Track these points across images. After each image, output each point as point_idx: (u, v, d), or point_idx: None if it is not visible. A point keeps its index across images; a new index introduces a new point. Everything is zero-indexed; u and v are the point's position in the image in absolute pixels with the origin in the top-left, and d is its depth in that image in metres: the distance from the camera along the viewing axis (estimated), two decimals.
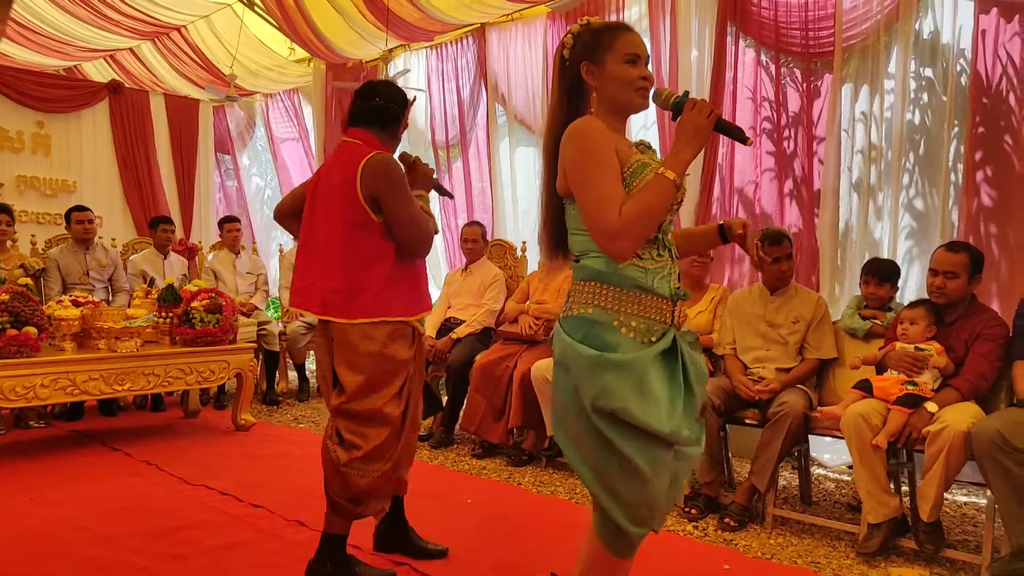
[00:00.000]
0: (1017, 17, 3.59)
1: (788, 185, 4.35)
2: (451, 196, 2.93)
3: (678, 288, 1.76)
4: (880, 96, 4.02)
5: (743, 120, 4.50)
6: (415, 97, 2.69)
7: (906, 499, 3.11)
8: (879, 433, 2.89)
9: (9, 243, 5.12)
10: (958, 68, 3.80)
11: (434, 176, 2.66)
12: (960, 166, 3.78)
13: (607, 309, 1.70)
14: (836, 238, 4.20)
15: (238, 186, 8.73)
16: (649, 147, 1.86)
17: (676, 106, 1.73)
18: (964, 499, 3.74)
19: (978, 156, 3.70)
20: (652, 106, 1.81)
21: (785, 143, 4.33)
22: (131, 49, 7.72)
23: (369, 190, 2.36)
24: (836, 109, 4.10)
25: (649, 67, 1.80)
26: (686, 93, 1.74)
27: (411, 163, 2.62)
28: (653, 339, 1.70)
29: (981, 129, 3.69)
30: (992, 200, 3.71)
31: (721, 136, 4.01)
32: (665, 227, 1.75)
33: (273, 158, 8.18)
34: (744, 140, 1.72)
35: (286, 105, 8.02)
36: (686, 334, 1.78)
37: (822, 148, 4.19)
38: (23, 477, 3.72)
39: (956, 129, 3.80)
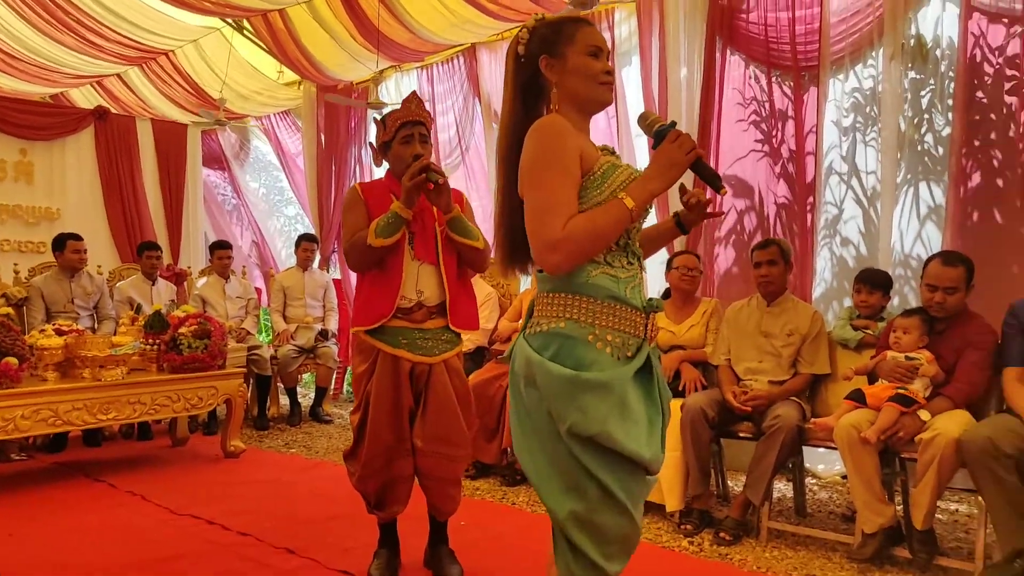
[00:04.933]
0: (1004, 21, 3.62)
1: (782, 190, 4.35)
2: (438, 183, 2.58)
3: (651, 299, 1.63)
4: (874, 103, 4.08)
5: (734, 128, 4.48)
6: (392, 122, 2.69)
7: (900, 508, 3.09)
8: (871, 429, 2.87)
9: None
10: (943, 68, 3.84)
11: (425, 175, 2.50)
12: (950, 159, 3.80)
13: (580, 322, 1.55)
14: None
15: (242, 203, 8.67)
16: (613, 152, 1.73)
17: (659, 134, 1.61)
18: (956, 506, 3.72)
19: (968, 155, 3.73)
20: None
21: (775, 145, 4.34)
22: (118, 75, 7.71)
23: None
24: (823, 116, 4.11)
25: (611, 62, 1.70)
26: (673, 123, 1.64)
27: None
28: (629, 354, 1.58)
29: (975, 120, 3.71)
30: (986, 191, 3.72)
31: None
32: (633, 234, 1.64)
33: (287, 172, 8.01)
34: (718, 188, 1.60)
35: (290, 121, 7.93)
36: (654, 350, 1.67)
37: (811, 143, 4.16)
38: (0, 512, 3.62)
39: (949, 126, 3.84)
